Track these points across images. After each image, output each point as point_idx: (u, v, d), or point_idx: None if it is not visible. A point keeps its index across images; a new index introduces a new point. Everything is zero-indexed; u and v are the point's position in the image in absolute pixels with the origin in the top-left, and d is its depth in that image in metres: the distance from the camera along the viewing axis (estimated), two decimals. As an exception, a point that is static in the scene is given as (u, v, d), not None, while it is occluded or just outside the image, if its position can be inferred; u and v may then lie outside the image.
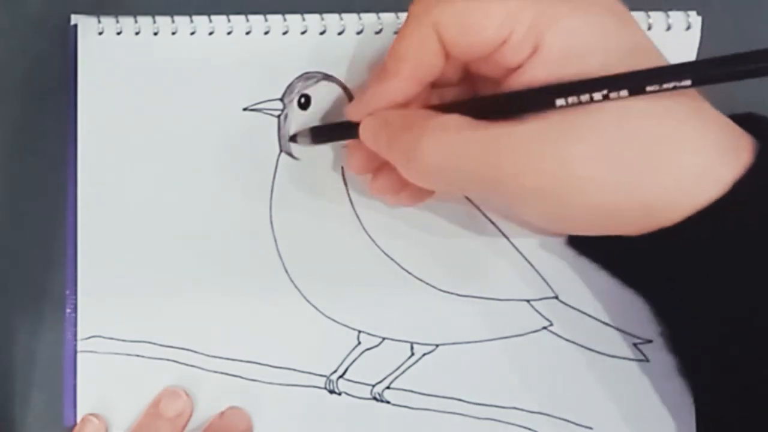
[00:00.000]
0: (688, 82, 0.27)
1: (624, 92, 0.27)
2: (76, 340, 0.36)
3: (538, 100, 0.29)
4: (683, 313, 0.31)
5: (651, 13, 0.35)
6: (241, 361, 0.36)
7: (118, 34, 0.37)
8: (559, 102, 0.28)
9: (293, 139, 0.36)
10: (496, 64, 0.30)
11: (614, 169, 0.28)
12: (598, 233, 0.31)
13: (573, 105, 0.28)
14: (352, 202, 0.36)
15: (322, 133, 0.35)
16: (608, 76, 0.28)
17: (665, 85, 0.27)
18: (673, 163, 0.28)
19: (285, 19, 0.36)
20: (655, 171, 0.28)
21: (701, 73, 0.27)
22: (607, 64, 0.28)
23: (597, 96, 0.28)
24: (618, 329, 0.36)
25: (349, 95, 0.36)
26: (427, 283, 0.36)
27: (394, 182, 0.33)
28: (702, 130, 0.28)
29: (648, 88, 0.27)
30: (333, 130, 0.35)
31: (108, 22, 0.37)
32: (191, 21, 0.36)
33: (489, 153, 0.29)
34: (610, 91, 0.27)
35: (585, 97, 0.28)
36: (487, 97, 0.32)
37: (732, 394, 0.30)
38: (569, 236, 0.35)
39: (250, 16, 0.36)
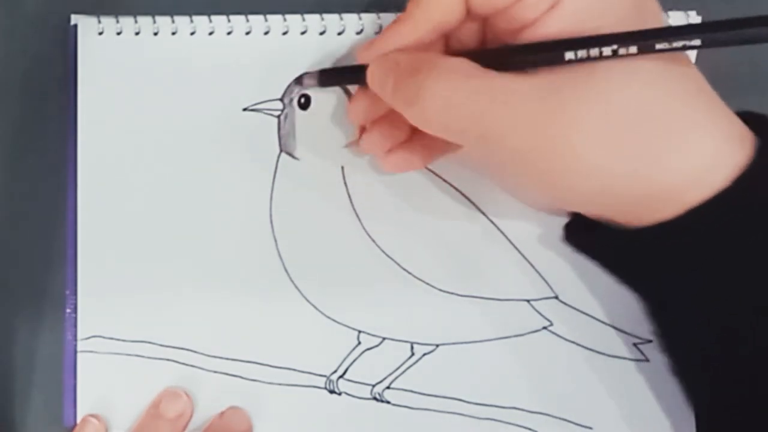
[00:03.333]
0: (697, 42, 0.27)
1: (633, 48, 0.27)
2: (76, 340, 0.36)
3: (547, 52, 0.28)
4: (680, 310, 0.31)
5: (651, 13, 0.35)
6: (241, 361, 0.36)
7: (118, 34, 0.37)
8: (569, 55, 0.28)
9: (299, 80, 0.35)
10: (512, 18, 0.30)
11: (617, 139, 0.28)
12: (589, 211, 0.31)
13: (582, 60, 0.27)
14: (352, 202, 0.36)
15: (330, 76, 0.35)
16: (618, 33, 0.27)
17: (675, 44, 0.27)
18: (683, 141, 0.28)
19: (285, 19, 0.36)
20: (662, 148, 0.28)
21: (711, 34, 0.27)
22: (621, 25, 0.28)
23: (606, 51, 0.27)
24: (618, 329, 0.36)
25: (349, 95, 0.36)
26: (427, 283, 0.36)
27: (387, 137, 0.33)
28: (710, 112, 0.28)
29: (657, 46, 0.27)
30: (342, 73, 0.35)
31: (108, 22, 0.37)
32: (191, 21, 0.36)
33: (492, 103, 0.28)
34: (619, 47, 0.27)
35: (594, 52, 0.27)
36: (498, 48, 0.31)
37: (731, 393, 0.30)
38: (565, 232, 0.34)
39: (250, 16, 0.36)
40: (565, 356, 0.36)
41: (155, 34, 0.37)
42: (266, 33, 0.36)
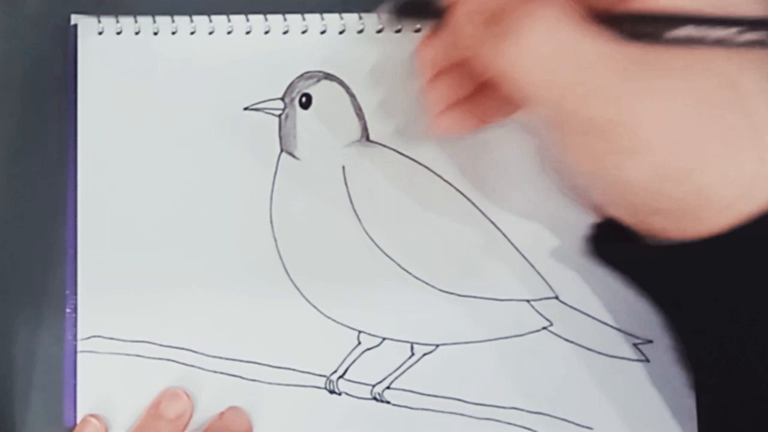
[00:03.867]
0: None
1: (763, 33, 0.26)
2: (76, 340, 0.36)
3: (668, 22, 0.27)
4: (704, 328, 0.30)
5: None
6: (241, 361, 0.36)
7: (118, 34, 0.37)
8: (686, 31, 0.26)
9: (380, 16, 0.34)
10: None
11: (684, 134, 0.27)
12: (629, 212, 0.29)
13: (697, 41, 0.26)
14: (352, 202, 0.36)
15: (408, 8, 0.32)
16: (745, 17, 0.26)
17: None
18: (741, 150, 0.27)
19: (285, 19, 0.36)
20: (723, 153, 0.27)
21: None
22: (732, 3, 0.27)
23: (732, 32, 0.26)
24: (618, 329, 0.36)
25: (350, 94, 0.36)
26: (427, 283, 0.36)
27: (450, 92, 0.31)
28: None
29: None
30: (422, 7, 0.32)
31: (108, 22, 0.37)
32: (191, 21, 0.36)
33: (593, 62, 0.27)
34: (746, 29, 0.26)
35: (719, 32, 0.26)
36: (623, 14, 0.29)
37: (744, 408, 0.30)
38: (588, 245, 0.33)
39: (251, 16, 0.36)
40: (565, 356, 0.36)
41: (155, 34, 0.37)
42: (266, 33, 0.36)
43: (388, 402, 0.36)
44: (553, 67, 0.27)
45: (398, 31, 0.36)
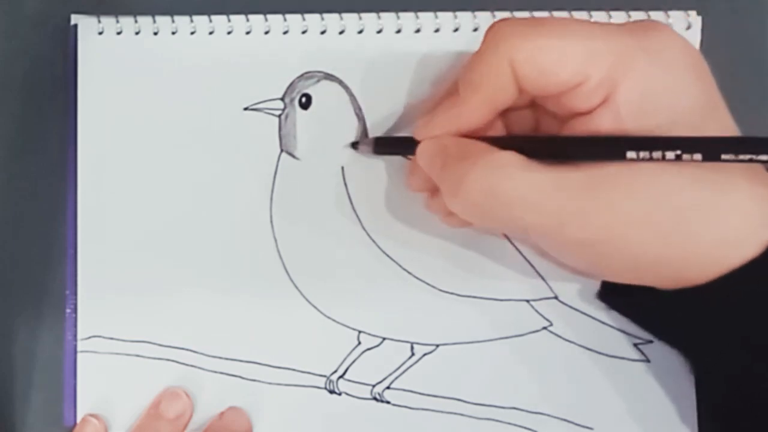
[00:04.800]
0: (765, 158, 0.27)
1: (698, 156, 0.27)
2: (76, 340, 0.36)
3: (609, 148, 0.28)
4: (713, 367, 0.31)
5: (651, 13, 0.35)
6: (241, 361, 0.36)
7: (118, 34, 0.37)
8: (630, 155, 0.28)
9: (354, 146, 0.36)
10: (563, 104, 0.30)
11: (659, 228, 0.28)
12: (632, 282, 0.31)
13: (643, 160, 0.28)
14: (352, 202, 0.36)
15: (385, 145, 0.35)
16: (685, 138, 0.28)
17: (741, 156, 0.27)
18: (715, 229, 0.28)
19: (285, 19, 0.36)
20: (698, 236, 0.28)
21: None
22: (675, 119, 0.28)
23: (670, 155, 0.27)
24: (618, 329, 0.36)
25: (350, 94, 0.36)
26: (427, 283, 0.36)
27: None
28: (749, 195, 0.28)
29: (723, 156, 0.27)
30: (396, 145, 0.35)
31: (108, 22, 0.37)
32: (191, 21, 0.36)
33: (535, 200, 0.29)
34: (684, 153, 0.27)
35: (657, 154, 0.27)
36: (554, 138, 0.31)
37: (744, 408, 0.31)
38: (600, 291, 0.35)
39: (251, 16, 0.36)
40: (565, 356, 0.36)
41: (155, 34, 0.37)
42: (266, 33, 0.36)
43: (388, 402, 0.36)
44: (492, 210, 0.29)
45: (398, 32, 0.36)
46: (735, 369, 0.30)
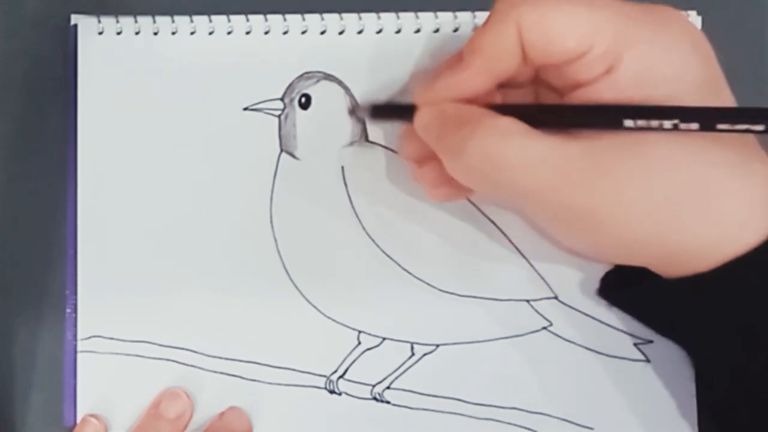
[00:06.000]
0: (760, 127, 0.27)
1: (694, 125, 0.27)
2: (76, 340, 0.36)
3: (606, 116, 0.29)
4: (720, 359, 0.31)
5: (651, 13, 0.35)
6: (241, 361, 0.36)
7: (118, 34, 0.37)
8: (628, 123, 0.28)
9: (351, 113, 0.36)
10: (566, 75, 0.30)
11: (653, 206, 0.28)
12: (625, 262, 0.31)
13: (640, 129, 0.28)
14: (352, 202, 0.36)
15: (382, 111, 0.35)
16: (682, 107, 0.28)
17: (737, 126, 0.27)
18: (715, 211, 0.28)
19: (285, 19, 0.36)
20: (695, 216, 0.28)
21: None
22: (675, 95, 0.28)
23: (667, 124, 0.27)
24: (618, 329, 0.36)
25: (349, 95, 0.36)
26: (427, 283, 0.36)
27: (438, 175, 0.33)
28: (750, 179, 0.28)
29: (719, 126, 0.27)
30: (394, 111, 0.35)
31: (108, 22, 0.37)
32: (191, 21, 0.36)
33: (535, 166, 0.29)
34: (681, 122, 0.27)
35: (655, 123, 0.27)
36: (552, 107, 0.32)
37: (744, 408, 0.31)
38: (600, 287, 0.35)
39: (250, 16, 0.36)
40: (565, 356, 0.36)
41: (155, 34, 0.37)
42: (266, 33, 0.36)
43: (388, 402, 0.36)
44: (495, 175, 0.29)
45: (398, 32, 0.36)
46: (736, 361, 0.30)
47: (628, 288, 0.33)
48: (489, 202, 0.36)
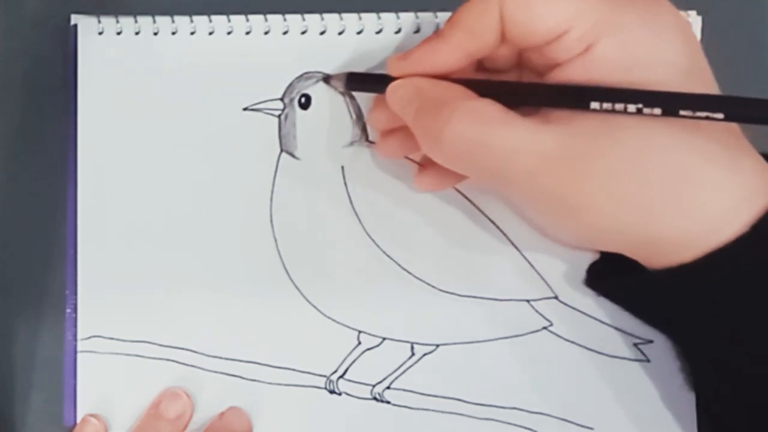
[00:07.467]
0: (720, 116, 0.27)
1: (657, 110, 0.27)
2: (76, 340, 0.36)
3: (573, 96, 0.29)
4: (704, 351, 0.31)
5: (651, 13, 0.35)
6: (241, 361, 0.36)
7: (118, 34, 0.37)
8: (594, 105, 0.28)
9: (327, 80, 0.36)
10: (544, 55, 0.30)
11: (629, 193, 0.28)
12: (608, 250, 0.31)
13: (606, 111, 0.28)
14: (352, 202, 0.36)
15: (356, 81, 0.35)
16: (644, 91, 0.28)
17: (698, 113, 0.27)
18: (693, 201, 0.28)
19: (285, 19, 0.36)
20: (671, 205, 0.28)
21: (736, 110, 0.27)
22: (654, 82, 0.28)
23: (631, 108, 0.27)
24: (618, 329, 0.36)
25: (349, 95, 0.36)
26: (427, 283, 0.36)
27: (403, 147, 0.33)
28: (732, 169, 0.28)
29: (681, 112, 0.27)
30: (368, 81, 0.35)
31: (108, 22, 0.37)
32: (191, 21, 0.36)
33: (511, 150, 0.29)
34: (644, 106, 0.27)
35: (619, 106, 0.28)
36: (524, 85, 0.32)
37: (743, 408, 0.31)
38: (587, 277, 0.35)
39: (250, 16, 0.36)
40: (565, 356, 0.36)
41: (155, 34, 0.37)
42: (266, 33, 0.36)
43: (388, 402, 0.36)
44: (473, 160, 0.30)
45: (398, 32, 0.36)
46: (719, 355, 0.30)
47: (613, 278, 0.33)
48: (472, 185, 0.36)
